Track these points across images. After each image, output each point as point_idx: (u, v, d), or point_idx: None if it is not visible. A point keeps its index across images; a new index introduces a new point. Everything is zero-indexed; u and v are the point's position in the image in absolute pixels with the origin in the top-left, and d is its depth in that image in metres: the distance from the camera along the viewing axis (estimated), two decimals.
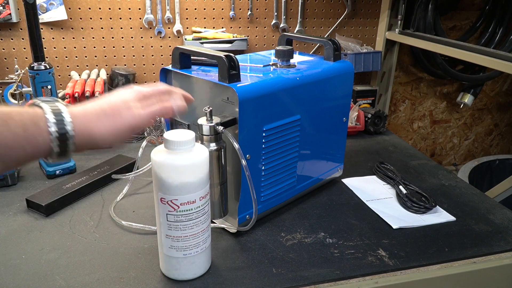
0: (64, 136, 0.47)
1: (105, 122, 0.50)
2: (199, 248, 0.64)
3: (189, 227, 0.61)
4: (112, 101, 0.53)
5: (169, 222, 0.61)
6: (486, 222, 0.83)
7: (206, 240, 0.65)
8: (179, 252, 0.63)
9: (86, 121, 0.49)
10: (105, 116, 0.51)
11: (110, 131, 0.51)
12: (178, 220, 0.60)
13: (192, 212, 0.61)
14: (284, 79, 0.76)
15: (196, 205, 0.60)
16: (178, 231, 0.61)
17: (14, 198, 0.88)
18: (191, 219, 0.61)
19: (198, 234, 0.63)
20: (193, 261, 0.64)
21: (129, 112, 0.52)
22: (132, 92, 0.55)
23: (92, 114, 0.50)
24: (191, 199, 0.60)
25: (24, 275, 0.66)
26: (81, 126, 0.49)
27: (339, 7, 1.47)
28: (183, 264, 0.64)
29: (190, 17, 1.33)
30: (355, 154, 1.13)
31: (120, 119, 0.52)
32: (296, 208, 0.86)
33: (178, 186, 0.58)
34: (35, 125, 0.46)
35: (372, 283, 0.67)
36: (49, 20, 1.22)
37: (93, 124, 0.50)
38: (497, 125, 1.91)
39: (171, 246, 0.63)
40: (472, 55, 1.16)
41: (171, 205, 0.59)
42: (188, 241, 0.62)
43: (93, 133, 0.50)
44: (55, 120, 0.47)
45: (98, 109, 0.51)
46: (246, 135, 0.71)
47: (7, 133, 0.43)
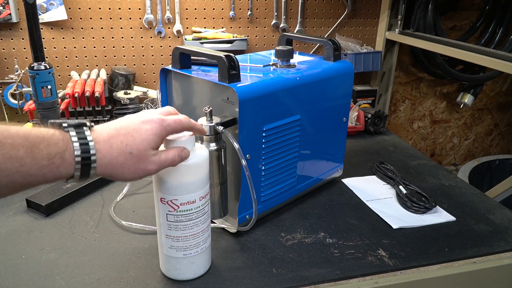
0: (88, 167, 0.48)
1: (129, 167, 0.51)
2: (199, 248, 0.64)
3: (189, 227, 0.61)
4: (138, 144, 0.51)
5: (169, 222, 0.61)
6: (486, 222, 0.82)
7: (206, 240, 0.65)
8: (179, 252, 0.63)
9: (111, 161, 0.50)
10: (131, 160, 0.51)
11: (131, 174, 0.52)
12: (178, 220, 0.60)
13: (192, 212, 0.60)
14: (284, 79, 0.76)
15: (196, 205, 0.60)
16: (178, 231, 0.61)
17: (14, 198, 0.88)
18: (191, 219, 0.61)
19: (198, 234, 0.63)
20: (193, 261, 0.64)
21: (152, 160, 0.53)
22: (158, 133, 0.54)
23: (118, 156, 0.50)
24: (191, 199, 0.60)
25: (24, 275, 0.66)
26: (105, 161, 0.49)
27: (339, 7, 1.47)
28: (183, 264, 0.64)
29: (190, 17, 1.33)
30: (355, 154, 1.13)
31: (143, 167, 0.52)
32: (296, 208, 0.86)
33: (178, 186, 0.58)
34: (61, 157, 0.46)
35: (372, 283, 0.67)
36: (49, 20, 1.22)
37: (119, 167, 0.50)
38: (497, 125, 1.91)
39: (171, 246, 0.63)
40: (472, 55, 1.16)
41: (171, 205, 0.59)
42: (188, 241, 0.62)
43: (117, 174, 0.51)
44: (81, 153, 0.47)
45: (125, 151, 0.50)
46: (246, 135, 0.71)
47: (32, 163, 0.43)
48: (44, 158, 0.44)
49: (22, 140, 0.43)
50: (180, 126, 0.56)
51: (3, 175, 0.43)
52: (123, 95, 1.22)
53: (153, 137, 0.53)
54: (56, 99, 0.98)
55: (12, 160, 0.42)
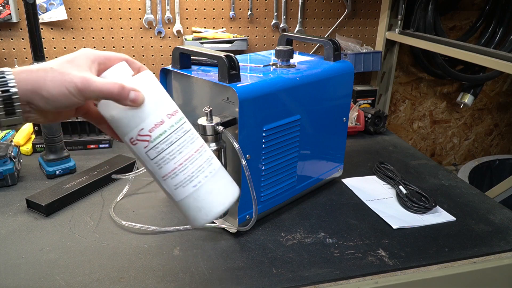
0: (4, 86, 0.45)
1: (52, 79, 0.46)
2: (207, 172, 0.54)
3: (178, 152, 0.52)
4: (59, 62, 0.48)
5: (155, 160, 0.52)
6: (486, 222, 0.83)
7: (210, 162, 0.55)
8: (188, 185, 0.53)
9: (30, 75, 0.46)
10: (53, 73, 0.47)
11: (57, 88, 0.46)
12: (160, 150, 0.52)
13: (168, 134, 0.52)
14: (284, 79, 0.76)
15: (168, 125, 0.52)
16: (168, 163, 0.52)
17: (14, 198, 0.88)
18: (173, 142, 0.52)
19: (193, 156, 0.53)
20: (209, 190, 0.54)
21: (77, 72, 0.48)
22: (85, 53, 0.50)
23: (38, 71, 0.47)
24: (157, 120, 0.51)
25: (24, 275, 0.66)
26: (23, 77, 0.46)
27: (339, 7, 1.47)
28: (200, 198, 0.54)
29: (190, 17, 1.33)
30: (355, 154, 1.13)
31: (68, 78, 0.47)
32: (296, 208, 0.86)
33: (134, 114, 0.51)
34: None
35: (372, 283, 0.67)
36: (49, 20, 1.22)
37: (40, 81, 0.46)
38: (497, 125, 1.91)
39: (176, 186, 0.53)
40: (472, 55, 1.16)
41: (142, 139, 0.51)
42: (187, 168, 0.53)
43: (41, 91, 0.46)
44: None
45: (45, 67, 0.47)
46: (246, 135, 0.71)
47: None
48: None
49: None
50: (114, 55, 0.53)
51: None
52: None
53: (80, 56, 0.49)
54: None
55: None
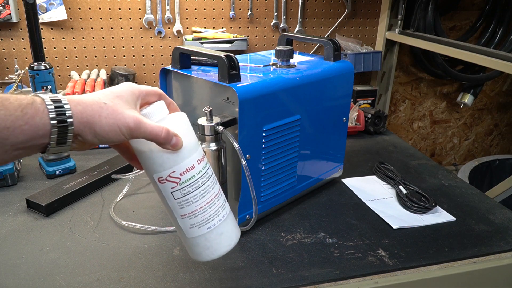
0: (62, 116, 0.46)
1: (107, 116, 0.48)
2: (221, 216, 0.58)
3: (201, 196, 0.55)
4: (111, 97, 0.50)
5: (178, 200, 0.55)
6: (486, 222, 0.83)
7: (224, 206, 0.59)
8: (202, 227, 0.56)
9: (86, 108, 0.48)
10: (107, 110, 0.49)
11: (110, 126, 0.48)
12: (186, 193, 0.55)
13: (196, 179, 0.55)
14: (284, 79, 0.76)
15: (197, 170, 0.55)
16: (191, 205, 0.55)
17: (14, 198, 0.88)
18: (199, 187, 0.55)
19: (213, 201, 0.57)
20: (220, 231, 0.58)
21: (129, 113, 0.50)
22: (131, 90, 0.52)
23: (93, 105, 0.48)
24: (189, 165, 0.54)
25: (24, 275, 0.66)
26: (80, 110, 0.47)
27: (339, 7, 1.47)
28: (211, 239, 0.57)
29: (190, 17, 1.33)
30: (355, 154, 1.13)
31: (121, 117, 0.49)
32: (296, 208, 0.86)
33: (170, 156, 0.53)
34: (33, 106, 0.45)
35: (372, 283, 0.67)
36: (49, 20, 1.22)
37: (95, 115, 0.48)
38: (497, 125, 1.91)
39: (192, 225, 0.56)
40: (472, 55, 1.16)
41: (172, 180, 0.54)
42: (206, 212, 0.56)
43: (95, 126, 0.48)
44: (53, 101, 0.46)
45: (99, 102, 0.49)
46: (246, 135, 0.71)
47: (6, 113, 0.43)
48: (16, 108, 0.44)
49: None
50: (152, 90, 0.55)
51: None
52: None
53: (126, 92, 0.51)
54: None
55: None
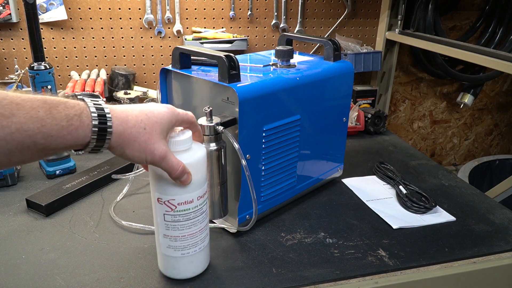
0: (104, 132, 0.48)
1: (140, 143, 0.51)
2: (198, 248, 0.64)
3: (187, 227, 0.61)
4: (152, 122, 0.52)
5: (167, 222, 0.61)
6: (486, 222, 0.82)
7: (204, 239, 0.65)
8: (177, 251, 0.63)
9: (126, 130, 0.50)
10: (144, 136, 0.51)
11: (140, 152, 0.52)
12: (176, 220, 0.60)
13: (189, 212, 0.60)
14: (284, 79, 0.76)
15: (193, 205, 0.60)
16: (176, 231, 0.61)
17: (14, 198, 0.88)
18: (189, 219, 0.61)
19: (196, 234, 0.62)
20: (191, 260, 0.64)
21: (160, 145, 0.53)
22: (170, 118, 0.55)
23: (133, 128, 0.51)
24: (189, 199, 0.59)
25: (24, 275, 0.66)
26: (120, 131, 0.50)
27: (339, 7, 1.47)
28: (181, 263, 0.64)
29: (190, 17, 1.33)
30: (355, 154, 1.13)
31: (151, 147, 0.52)
32: (296, 208, 0.86)
33: (175, 186, 0.58)
34: (79, 119, 0.46)
35: (372, 283, 0.67)
36: (49, 20, 1.22)
37: (131, 140, 0.51)
38: (497, 125, 1.91)
39: (169, 246, 0.62)
40: (472, 55, 1.16)
41: (168, 205, 0.59)
42: (186, 241, 0.62)
43: (127, 147, 0.51)
44: (99, 116, 0.48)
45: (139, 125, 0.51)
46: (246, 135, 0.71)
47: (52, 123, 0.44)
48: (63, 119, 0.45)
49: (41, 103, 0.44)
50: (187, 118, 0.58)
51: (26, 136, 0.43)
52: (123, 95, 1.22)
53: (166, 120, 0.54)
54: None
55: (34, 120, 0.43)
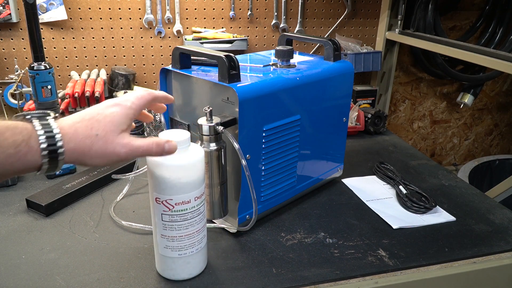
0: (55, 153, 0.47)
1: (97, 150, 0.50)
2: (194, 248, 0.64)
3: (184, 227, 0.61)
4: (104, 125, 0.51)
5: (164, 222, 0.61)
6: (486, 222, 0.82)
7: (201, 240, 0.65)
8: (174, 252, 0.63)
9: (78, 145, 0.49)
10: (98, 143, 0.50)
11: (100, 158, 0.50)
12: (173, 220, 0.60)
13: (187, 212, 0.60)
14: (284, 79, 0.76)
15: (191, 205, 0.60)
16: (173, 231, 0.61)
17: (14, 198, 0.88)
18: (186, 219, 0.61)
19: (193, 234, 0.62)
20: (188, 261, 0.64)
21: (121, 143, 0.51)
22: (125, 113, 0.53)
23: (84, 139, 0.49)
24: (186, 199, 0.59)
25: (24, 275, 0.66)
26: (71, 147, 0.48)
27: (339, 7, 1.47)
28: (178, 264, 0.64)
29: (190, 17, 1.33)
30: (355, 154, 1.13)
31: (112, 150, 0.50)
32: (296, 208, 0.86)
33: (173, 186, 0.58)
34: (27, 144, 0.45)
35: (372, 283, 0.67)
36: (49, 20, 1.22)
37: (85, 150, 0.49)
38: (497, 125, 1.91)
39: (166, 246, 0.63)
40: (472, 55, 1.16)
41: (166, 205, 0.59)
42: (183, 241, 0.62)
43: (84, 158, 0.50)
44: (47, 138, 0.46)
45: (91, 134, 0.50)
46: (246, 135, 0.71)
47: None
48: (10, 146, 0.44)
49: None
50: (144, 100, 0.55)
51: None
52: None
53: (120, 117, 0.52)
54: (56, 99, 0.98)
55: None
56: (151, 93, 0.57)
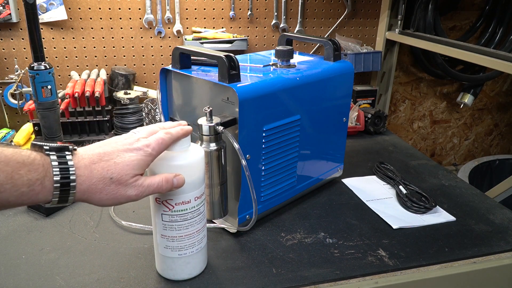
0: (66, 194, 0.47)
1: (107, 193, 0.50)
2: (194, 249, 0.64)
3: (184, 227, 0.61)
4: (120, 169, 0.50)
5: (164, 222, 0.61)
6: (486, 222, 0.82)
7: (201, 241, 0.65)
8: (174, 252, 0.63)
9: (90, 187, 0.49)
10: (110, 186, 0.50)
11: (109, 200, 0.51)
12: (173, 220, 0.60)
13: (187, 212, 0.60)
14: (284, 79, 0.76)
15: (191, 205, 0.60)
16: (173, 231, 0.61)
17: None
18: (186, 219, 0.61)
19: (193, 234, 0.63)
20: (188, 261, 0.64)
21: (133, 185, 0.52)
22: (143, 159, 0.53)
23: (98, 182, 0.49)
24: (186, 199, 0.59)
25: (24, 275, 0.66)
26: (83, 189, 0.48)
27: (339, 7, 1.47)
28: (178, 264, 0.64)
29: (190, 17, 1.33)
30: (355, 154, 1.13)
31: (123, 192, 0.51)
32: (296, 208, 0.86)
33: None
34: (41, 183, 0.45)
35: (372, 283, 0.67)
36: (49, 20, 1.22)
37: (96, 192, 0.49)
38: (497, 125, 1.91)
39: (166, 246, 0.63)
40: (472, 55, 1.16)
41: (166, 205, 0.59)
42: (183, 241, 0.62)
43: (93, 199, 0.50)
44: (61, 179, 0.46)
45: (105, 176, 0.50)
46: (246, 135, 0.71)
47: (12, 189, 0.43)
48: (24, 184, 0.44)
49: (3, 165, 0.43)
50: (164, 146, 0.55)
51: None
52: (123, 95, 1.22)
53: (137, 163, 0.52)
54: (56, 99, 0.98)
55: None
56: (172, 136, 0.56)
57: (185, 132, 0.58)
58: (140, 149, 0.52)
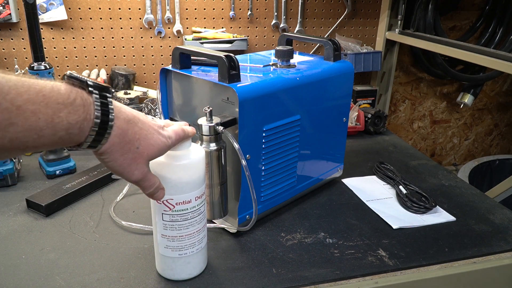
0: (97, 143, 0.45)
1: (124, 159, 0.48)
2: (195, 248, 0.64)
3: (185, 227, 0.61)
4: (146, 145, 0.49)
5: (165, 222, 0.61)
6: (486, 222, 0.82)
7: (202, 240, 0.65)
8: (175, 252, 0.63)
9: (121, 140, 0.47)
10: (129, 154, 0.48)
11: (120, 167, 0.48)
12: (174, 220, 0.60)
13: (187, 212, 0.60)
14: (284, 79, 0.76)
15: (191, 205, 0.60)
16: (174, 231, 0.61)
17: (14, 198, 0.88)
18: (187, 219, 0.61)
19: (193, 234, 0.63)
20: (188, 261, 0.64)
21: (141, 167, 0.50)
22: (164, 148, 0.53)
23: (125, 144, 0.47)
24: (187, 199, 0.59)
25: (24, 275, 0.66)
26: (115, 140, 0.46)
27: (339, 7, 1.47)
28: (178, 264, 0.64)
29: (190, 17, 1.33)
30: (355, 154, 1.13)
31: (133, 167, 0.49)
32: (296, 208, 0.86)
33: (173, 186, 0.58)
34: (80, 127, 0.42)
35: (372, 283, 0.67)
36: (49, 20, 1.22)
37: (117, 152, 0.47)
38: (497, 125, 1.91)
39: (167, 246, 0.63)
40: (472, 55, 1.16)
41: (167, 205, 0.59)
42: (184, 241, 0.62)
43: (110, 158, 0.47)
44: (99, 129, 0.43)
45: (134, 143, 0.48)
46: (246, 135, 0.71)
47: (50, 134, 0.40)
48: (63, 128, 0.40)
49: (43, 106, 0.38)
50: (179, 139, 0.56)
51: (18, 143, 0.38)
52: (123, 95, 1.22)
53: (159, 148, 0.52)
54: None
55: (31, 132, 0.38)
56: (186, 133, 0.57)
57: (194, 133, 0.59)
58: (164, 137, 0.52)
